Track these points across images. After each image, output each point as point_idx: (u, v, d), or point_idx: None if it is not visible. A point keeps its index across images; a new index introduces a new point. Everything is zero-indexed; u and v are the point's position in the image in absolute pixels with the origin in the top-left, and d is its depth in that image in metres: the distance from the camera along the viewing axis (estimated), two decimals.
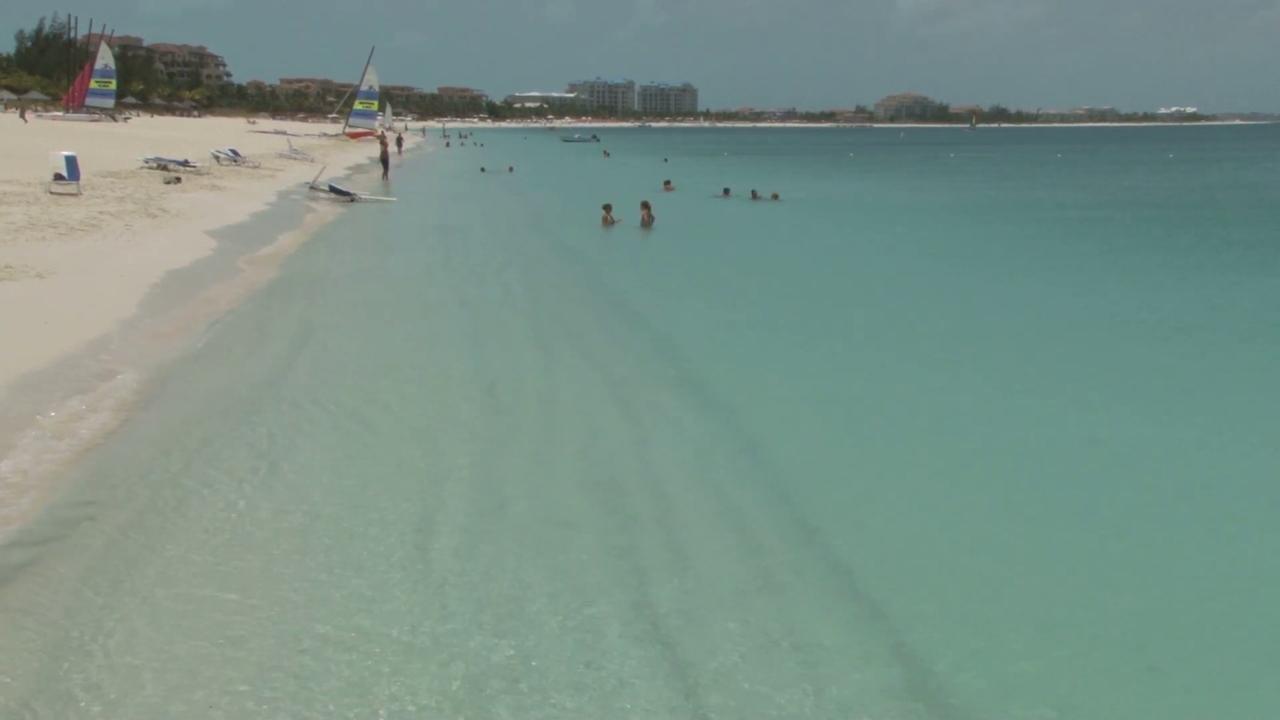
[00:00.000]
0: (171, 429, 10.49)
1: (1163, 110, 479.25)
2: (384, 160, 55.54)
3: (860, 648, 6.51)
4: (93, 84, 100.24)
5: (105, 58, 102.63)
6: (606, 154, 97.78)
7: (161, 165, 41.84)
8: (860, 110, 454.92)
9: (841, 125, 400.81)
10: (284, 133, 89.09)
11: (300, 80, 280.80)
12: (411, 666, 6.21)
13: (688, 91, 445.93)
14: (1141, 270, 23.43)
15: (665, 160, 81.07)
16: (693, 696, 5.97)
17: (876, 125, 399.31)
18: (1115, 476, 9.74)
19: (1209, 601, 7.24)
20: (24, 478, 8.84)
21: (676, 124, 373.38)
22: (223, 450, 9.90)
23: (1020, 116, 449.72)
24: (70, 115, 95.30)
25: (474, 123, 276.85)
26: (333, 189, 38.76)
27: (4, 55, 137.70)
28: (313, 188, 38.89)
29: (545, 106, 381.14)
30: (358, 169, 58.68)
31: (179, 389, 11.96)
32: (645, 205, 32.11)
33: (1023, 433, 10.99)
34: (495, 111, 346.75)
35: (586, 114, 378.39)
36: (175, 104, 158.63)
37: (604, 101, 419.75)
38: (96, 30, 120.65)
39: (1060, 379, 13.28)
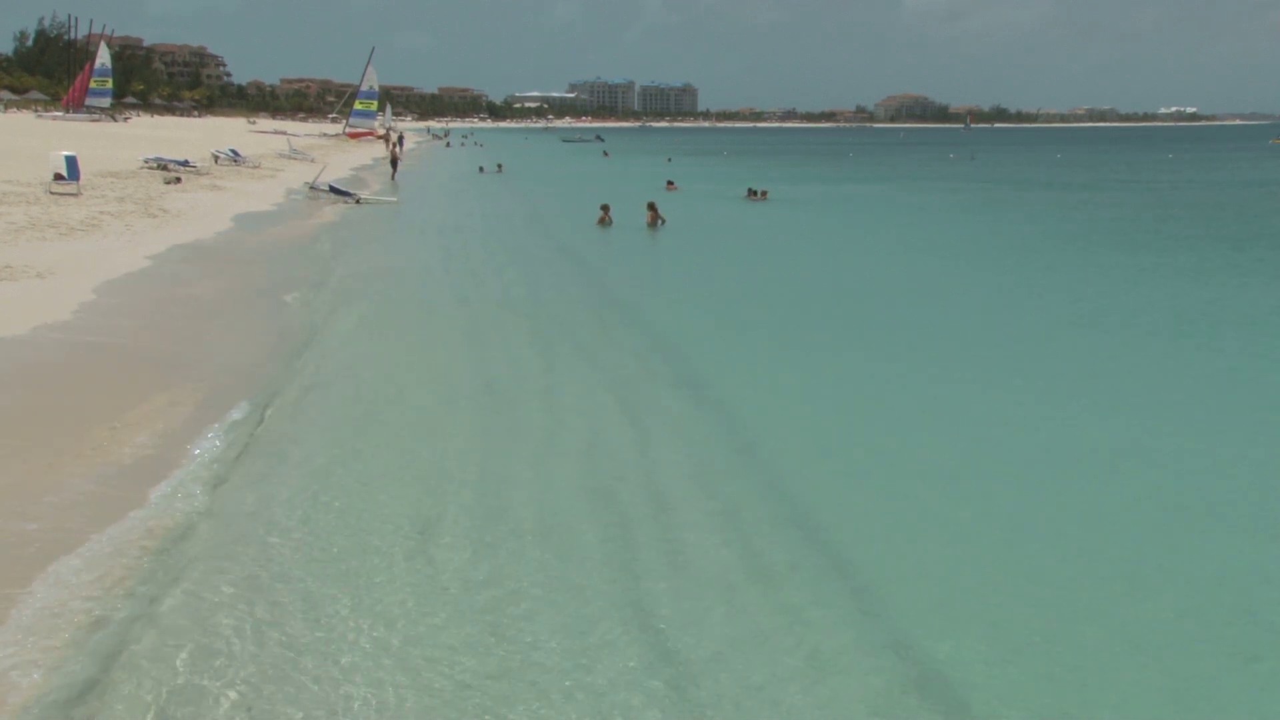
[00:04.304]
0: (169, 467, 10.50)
1: (1163, 110, 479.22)
2: (392, 161, 55.49)
3: (858, 643, 6.52)
4: (91, 83, 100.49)
5: (103, 57, 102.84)
6: (606, 155, 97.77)
7: (162, 165, 41.86)
8: (860, 110, 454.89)
9: (841, 125, 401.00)
10: (284, 133, 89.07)
11: (300, 80, 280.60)
12: None
13: (688, 91, 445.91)
14: (1131, 268, 23.46)
15: (669, 160, 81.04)
16: (690, 689, 5.99)
17: (876, 125, 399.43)
18: (1115, 476, 9.74)
19: (1207, 599, 7.25)
20: None
21: (677, 124, 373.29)
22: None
23: (1021, 116, 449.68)
24: (70, 115, 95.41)
25: (474, 123, 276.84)
26: (333, 189, 38.72)
27: (4, 55, 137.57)
28: (313, 188, 38.83)
29: (545, 106, 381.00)
30: (364, 169, 58.66)
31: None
32: (651, 206, 31.97)
33: (1022, 431, 10.99)
34: (495, 111, 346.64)
35: (587, 114, 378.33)
36: (175, 104, 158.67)
37: (604, 102, 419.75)
38: (96, 30, 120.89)
39: (1059, 378, 13.30)
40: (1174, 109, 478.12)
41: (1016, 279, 22.35)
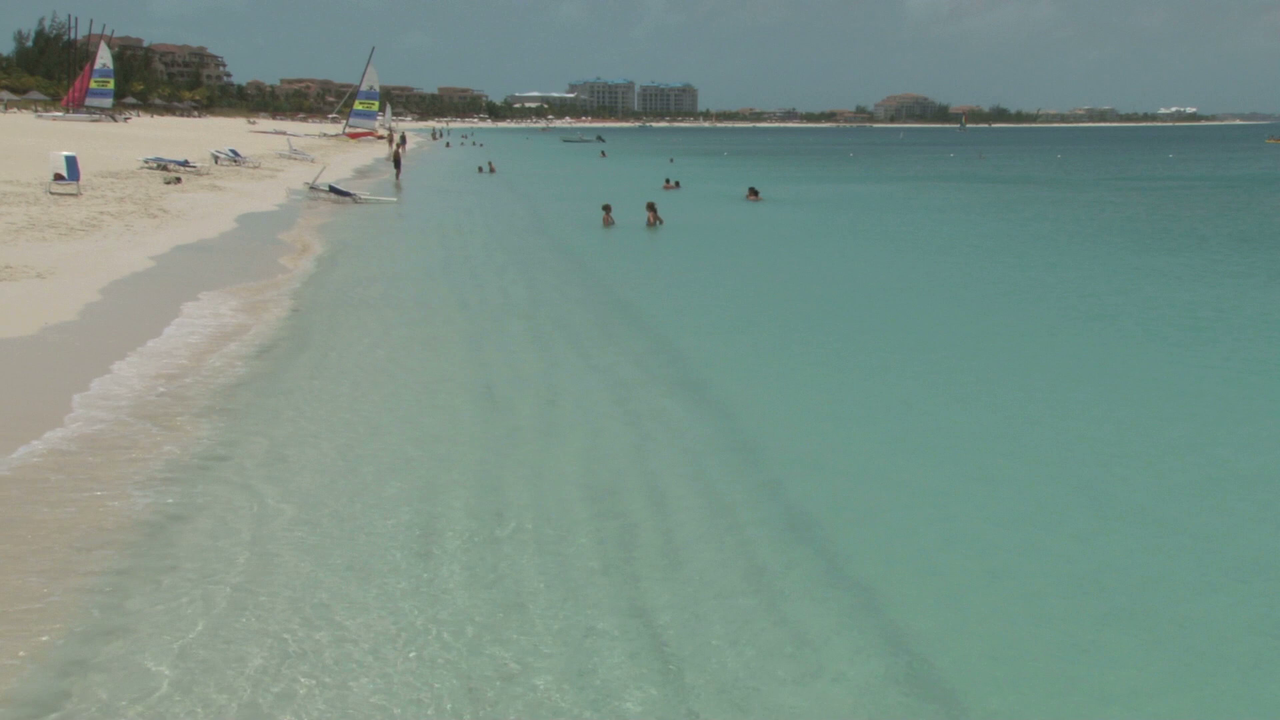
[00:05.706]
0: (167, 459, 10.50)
1: (1163, 110, 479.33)
2: (396, 161, 55.38)
3: (854, 642, 6.52)
4: (91, 84, 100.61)
5: (104, 57, 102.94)
6: (604, 155, 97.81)
7: (161, 165, 41.90)
8: (860, 111, 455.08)
9: (842, 126, 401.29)
10: (284, 133, 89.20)
11: (300, 80, 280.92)
12: None
13: (687, 92, 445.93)
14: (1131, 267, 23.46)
15: (671, 160, 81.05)
16: (689, 689, 5.98)
17: (876, 125, 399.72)
18: (1119, 474, 9.72)
19: (1209, 598, 7.25)
20: None
21: (677, 124, 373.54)
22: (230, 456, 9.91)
23: (1021, 116, 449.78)
24: (70, 115, 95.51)
25: (474, 123, 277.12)
26: (333, 189, 38.78)
27: (4, 56, 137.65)
28: (312, 188, 38.90)
29: (545, 107, 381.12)
30: (366, 170, 58.60)
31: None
32: (651, 206, 31.88)
33: (1025, 430, 10.99)
34: (495, 112, 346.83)
35: (586, 114, 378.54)
36: (175, 104, 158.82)
37: (604, 102, 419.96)
38: (97, 30, 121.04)
39: (1062, 377, 13.29)
40: (1174, 109, 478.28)
41: (1019, 278, 22.31)
